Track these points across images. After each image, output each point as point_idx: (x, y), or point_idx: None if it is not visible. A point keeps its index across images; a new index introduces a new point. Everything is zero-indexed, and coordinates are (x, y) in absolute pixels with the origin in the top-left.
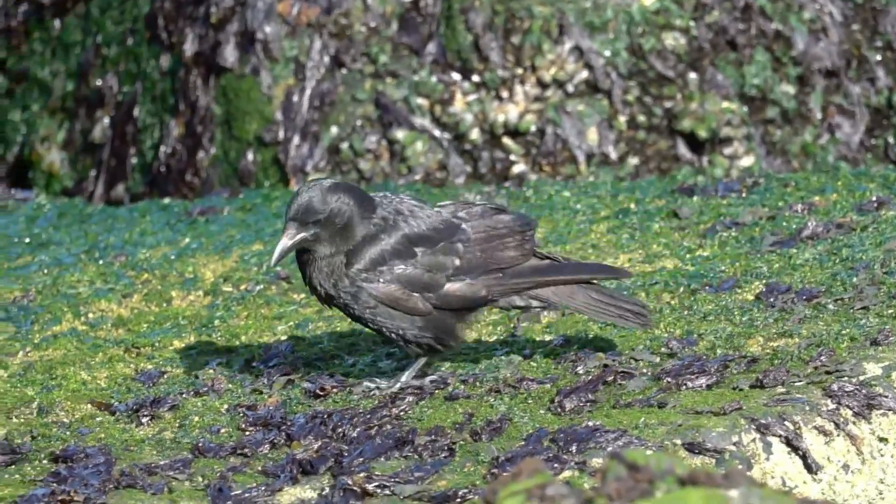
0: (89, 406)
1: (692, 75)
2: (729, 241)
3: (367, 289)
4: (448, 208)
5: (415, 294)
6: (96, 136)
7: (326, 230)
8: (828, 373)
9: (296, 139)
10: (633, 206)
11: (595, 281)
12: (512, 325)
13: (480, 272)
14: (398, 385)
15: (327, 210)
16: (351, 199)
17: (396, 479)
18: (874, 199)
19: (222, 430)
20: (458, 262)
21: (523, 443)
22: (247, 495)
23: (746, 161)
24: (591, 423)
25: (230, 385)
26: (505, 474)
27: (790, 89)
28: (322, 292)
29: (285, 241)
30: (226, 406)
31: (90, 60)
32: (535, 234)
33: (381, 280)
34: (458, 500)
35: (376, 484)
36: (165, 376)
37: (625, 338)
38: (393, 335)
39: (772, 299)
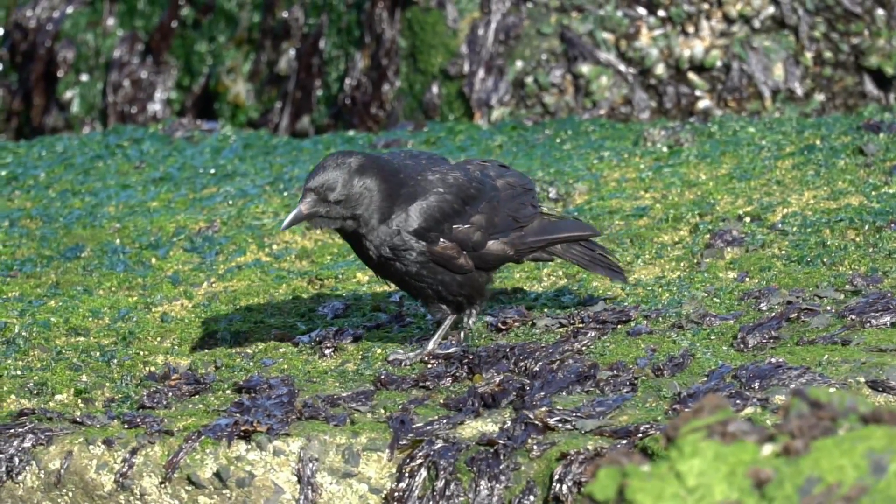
0: (273, 337)
1: (880, 11)
2: None
3: (426, 248)
4: (471, 164)
5: (463, 252)
6: (282, 67)
7: (342, 210)
8: None
9: (480, 73)
10: (818, 142)
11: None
12: (695, 261)
13: (509, 230)
14: (425, 354)
15: (347, 194)
16: (375, 184)
17: (578, 414)
18: None
19: (404, 363)
20: (496, 219)
21: (706, 379)
22: (428, 428)
23: None
24: (773, 360)
25: (412, 318)
26: (687, 410)
27: None
28: (378, 258)
29: (301, 209)
30: (409, 339)
31: None
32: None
33: (442, 239)
34: (640, 435)
35: (558, 418)
36: (348, 308)
37: (809, 274)
38: (430, 291)
39: None
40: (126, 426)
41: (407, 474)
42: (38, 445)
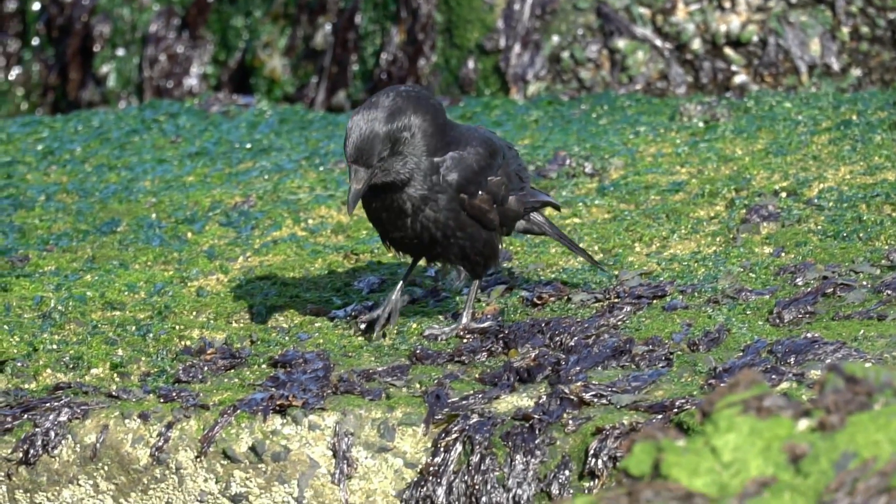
0: (308, 311)
1: None
2: None
3: (466, 200)
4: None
5: (494, 205)
6: (318, 42)
7: (394, 157)
8: None
9: (517, 48)
10: (854, 117)
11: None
12: (731, 236)
13: (517, 189)
14: (460, 328)
15: (388, 146)
16: (415, 120)
17: (613, 389)
18: None
19: (440, 338)
20: (510, 174)
21: (741, 354)
22: (464, 402)
23: None
24: (809, 335)
25: (448, 292)
26: (722, 385)
27: None
28: (410, 208)
29: (356, 188)
30: (444, 313)
31: None
32: None
33: (481, 191)
34: (675, 410)
35: (593, 393)
36: (384, 283)
37: (845, 249)
38: (457, 247)
39: None
40: (162, 400)
41: (442, 449)
42: (73, 419)
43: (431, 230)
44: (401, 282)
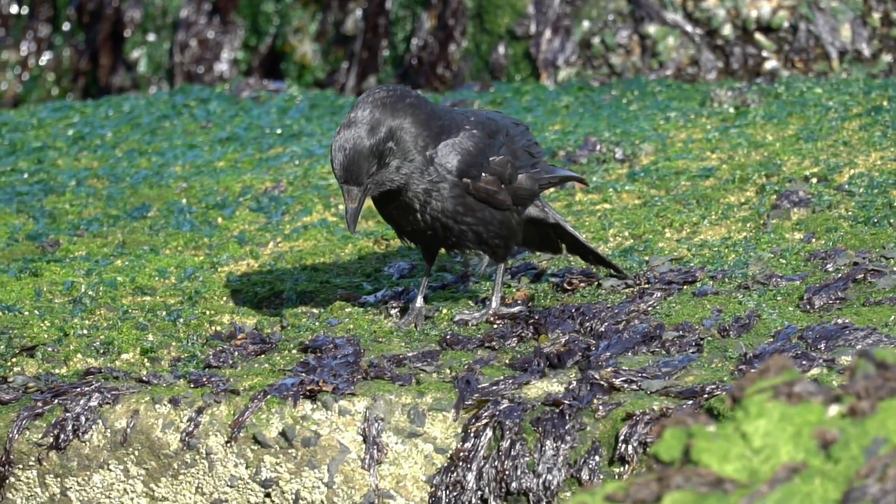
0: (339, 297)
1: None
2: None
3: (470, 184)
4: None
5: (502, 185)
6: (348, 27)
7: (384, 168)
8: None
9: (547, 33)
10: (885, 103)
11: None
12: (761, 222)
13: (528, 165)
14: (490, 314)
15: (375, 161)
16: (399, 122)
17: (644, 374)
18: None
19: (470, 323)
20: (517, 152)
21: (772, 339)
22: (494, 388)
23: None
24: (840, 321)
25: (477, 277)
26: (752, 371)
27: None
28: (417, 204)
29: (353, 207)
30: (474, 299)
31: None
32: None
33: (484, 173)
34: (706, 395)
35: (623, 378)
36: (414, 269)
37: (875, 235)
38: (471, 233)
39: None
40: (192, 385)
41: (472, 434)
42: (104, 404)
43: (441, 219)
44: (423, 289)
